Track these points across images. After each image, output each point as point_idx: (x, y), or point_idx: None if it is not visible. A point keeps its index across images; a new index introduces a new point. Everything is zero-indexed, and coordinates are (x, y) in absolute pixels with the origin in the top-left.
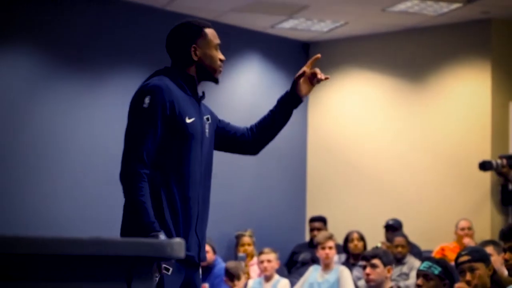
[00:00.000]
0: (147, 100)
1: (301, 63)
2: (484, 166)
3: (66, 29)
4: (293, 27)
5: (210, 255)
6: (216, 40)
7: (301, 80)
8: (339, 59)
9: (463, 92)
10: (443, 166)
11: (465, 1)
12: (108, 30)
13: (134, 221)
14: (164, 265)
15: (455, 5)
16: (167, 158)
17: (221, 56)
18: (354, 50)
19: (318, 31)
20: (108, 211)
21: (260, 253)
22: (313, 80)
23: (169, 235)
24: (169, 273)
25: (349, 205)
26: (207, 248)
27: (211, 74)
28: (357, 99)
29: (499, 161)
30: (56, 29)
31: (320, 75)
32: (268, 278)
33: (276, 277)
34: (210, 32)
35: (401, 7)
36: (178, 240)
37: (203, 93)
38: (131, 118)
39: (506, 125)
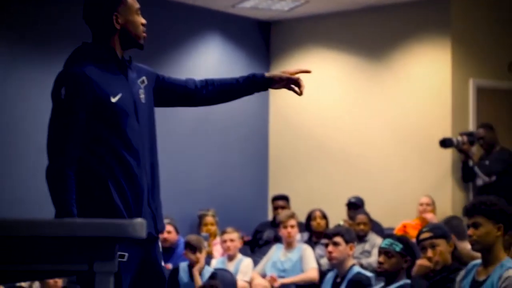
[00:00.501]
0: (63, 91)
1: (262, 43)
2: (445, 143)
3: (33, 20)
4: (254, 6)
5: (173, 235)
6: (136, 5)
7: (280, 82)
8: (300, 38)
9: (423, 70)
10: (405, 144)
11: None
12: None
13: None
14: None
15: None
16: (102, 145)
17: (143, 21)
18: (314, 28)
19: (279, 10)
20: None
21: (223, 232)
22: (290, 86)
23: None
24: (125, 259)
25: (311, 183)
26: (170, 228)
27: (136, 41)
28: (318, 77)
29: (459, 138)
30: (24, 21)
31: (301, 89)
32: (231, 258)
33: (239, 256)
34: None
35: None
36: (139, 220)
37: (130, 58)
38: (52, 111)
39: (466, 102)
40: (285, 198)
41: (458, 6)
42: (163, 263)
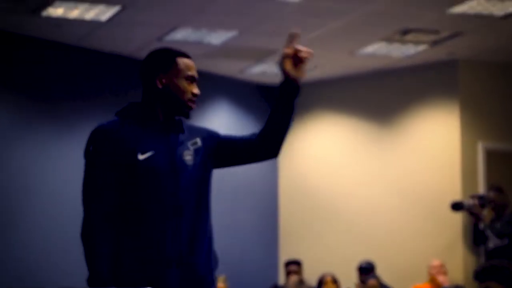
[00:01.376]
0: (91, 147)
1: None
2: (456, 206)
3: (41, 81)
4: (262, 71)
5: None
6: (189, 72)
7: (287, 66)
8: (309, 102)
9: (432, 133)
10: (414, 207)
11: (431, 43)
12: (77, 81)
13: (90, 271)
14: None
15: (421, 47)
16: (124, 203)
17: (194, 90)
18: (323, 93)
19: None
20: (72, 245)
21: None
22: (298, 61)
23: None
24: None
25: (322, 247)
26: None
27: (179, 107)
28: (328, 141)
29: (470, 201)
30: (32, 83)
31: (303, 52)
32: None
33: None
34: (182, 61)
35: (369, 50)
36: None
37: (180, 121)
38: (84, 169)
39: (475, 165)
40: (297, 263)
41: (466, 69)
42: None
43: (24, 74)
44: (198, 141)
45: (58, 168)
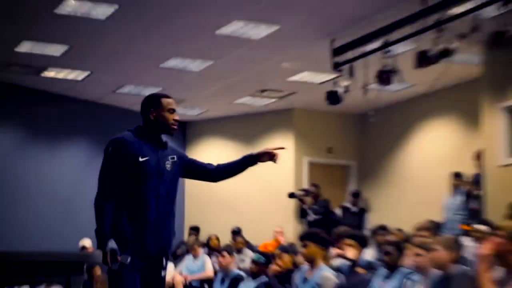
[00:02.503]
0: (110, 149)
1: (181, 137)
2: (291, 195)
3: (40, 118)
4: (179, 112)
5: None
6: (170, 106)
7: (264, 158)
8: (205, 133)
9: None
10: (266, 195)
11: (278, 98)
12: (63, 117)
13: (97, 233)
14: (120, 257)
15: (272, 100)
16: (125, 189)
17: (175, 117)
18: (213, 126)
19: (192, 115)
20: (55, 224)
21: None
22: (271, 157)
23: (127, 240)
24: (127, 262)
25: (212, 219)
26: None
27: (165, 130)
28: (216, 156)
29: (299, 192)
30: (32, 117)
31: (275, 158)
32: None
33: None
34: (165, 100)
35: (240, 101)
36: (97, 252)
37: (166, 142)
38: (102, 162)
39: (302, 170)
40: (196, 228)
41: (299, 113)
42: (164, 273)
43: (28, 112)
44: (175, 157)
45: (49, 173)
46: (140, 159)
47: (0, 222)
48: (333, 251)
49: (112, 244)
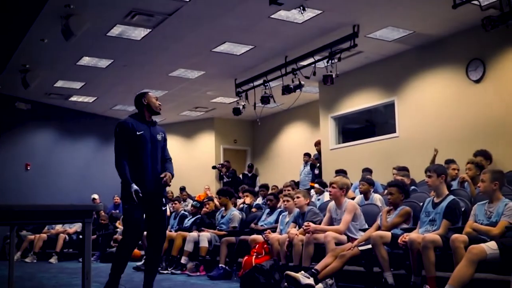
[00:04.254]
0: (117, 129)
1: None
2: (214, 167)
3: (67, 124)
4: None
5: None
6: (154, 96)
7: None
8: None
9: (207, 142)
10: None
11: (205, 111)
12: (80, 124)
13: (123, 182)
14: (128, 203)
15: (201, 113)
16: (129, 153)
17: (158, 102)
18: (169, 129)
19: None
20: (75, 186)
21: None
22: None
23: (130, 184)
24: (135, 203)
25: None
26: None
27: (155, 109)
28: None
29: (218, 165)
30: (62, 124)
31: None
32: None
33: None
34: (150, 94)
35: (184, 113)
36: (101, 204)
37: (155, 121)
38: (114, 138)
39: (219, 154)
40: None
41: (218, 121)
42: (164, 208)
43: (60, 121)
44: (162, 134)
45: (71, 156)
46: (137, 133)
47: (43, 186)
48: (239, 200)
49: (134, 186)
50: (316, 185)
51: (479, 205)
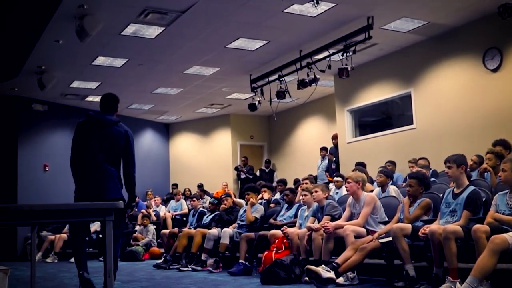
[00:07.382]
0: (132, 138)
1: (165, 134)
2: (236, 168)
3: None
4: (164, 118)
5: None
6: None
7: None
8: (180, 130)
9: (224, 140)
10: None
11: (221, 108)
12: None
13: (131, 192)
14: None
15: (218, 109)
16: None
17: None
18: (185, 126)
19: (172, 119)
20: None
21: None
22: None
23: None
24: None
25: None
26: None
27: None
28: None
29: (239, 166)
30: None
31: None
32: None
33: None
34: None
35: (199, 110)
36: (121, 202)
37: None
38: (132, 146)
39: (237, 150)
40: (176, 184)
41: (234, 117)
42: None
43: (77, 119)
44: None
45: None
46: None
47: (62, 186)
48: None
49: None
50: (339, 178)
51: (500, 195)
